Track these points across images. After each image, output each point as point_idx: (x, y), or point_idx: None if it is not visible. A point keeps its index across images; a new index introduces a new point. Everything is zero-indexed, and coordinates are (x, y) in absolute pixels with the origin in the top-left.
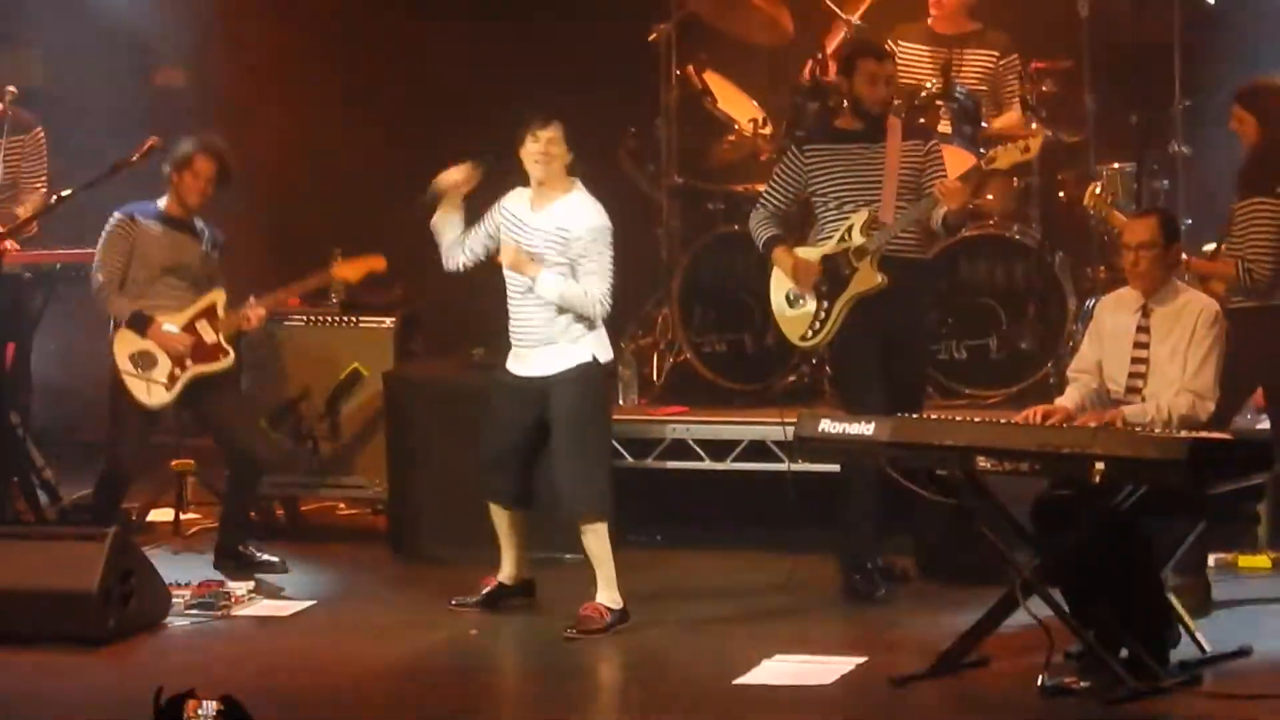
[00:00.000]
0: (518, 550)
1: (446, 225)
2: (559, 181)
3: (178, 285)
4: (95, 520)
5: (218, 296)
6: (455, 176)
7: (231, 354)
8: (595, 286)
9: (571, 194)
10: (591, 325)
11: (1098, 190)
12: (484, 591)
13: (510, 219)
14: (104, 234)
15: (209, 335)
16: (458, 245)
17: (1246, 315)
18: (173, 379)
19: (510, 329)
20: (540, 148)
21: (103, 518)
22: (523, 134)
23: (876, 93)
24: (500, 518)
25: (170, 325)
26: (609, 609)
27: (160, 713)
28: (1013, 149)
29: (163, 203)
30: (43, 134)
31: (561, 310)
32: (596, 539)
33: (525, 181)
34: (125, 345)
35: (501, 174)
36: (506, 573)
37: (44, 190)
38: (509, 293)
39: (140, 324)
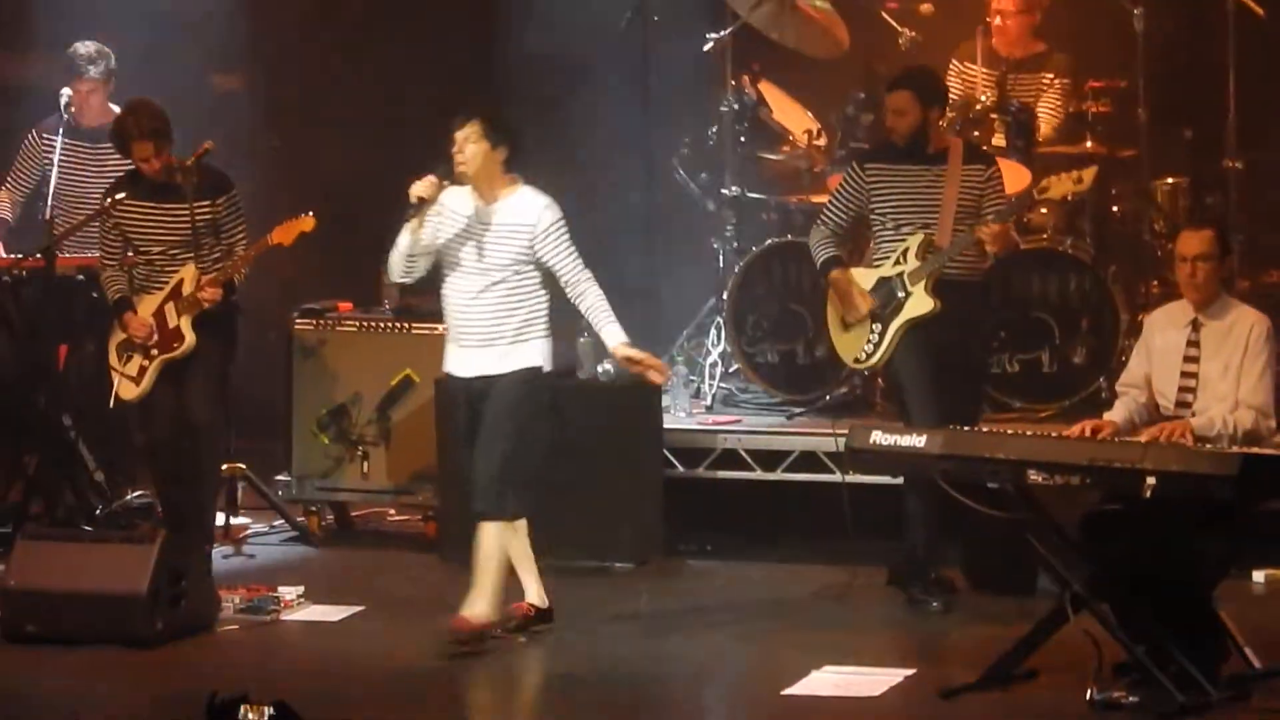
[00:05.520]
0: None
1: (420, 235)
2: (494, 178)
3: (176, 258)
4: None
5: (185, 274)
6: (429, 188)
7: (189, 338)
8: (590, 280)
9: (520, 189)
10: (542, 328)
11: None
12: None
13: (455, 216)
14: None
15: (171, 319)
16: (424, 255)
17: None
18: (141, 372)
19: (455, 329)
20: (455, 147)
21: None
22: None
23: (895, 125)
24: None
25: (145, 310)
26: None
27: (213, 715)
28: (1066, 180)
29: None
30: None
31: (513, 310)
32: (492, 539)
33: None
34: (115, 335)
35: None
36: (535, 593)
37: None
38: (455, 292)
39: (119, 311)
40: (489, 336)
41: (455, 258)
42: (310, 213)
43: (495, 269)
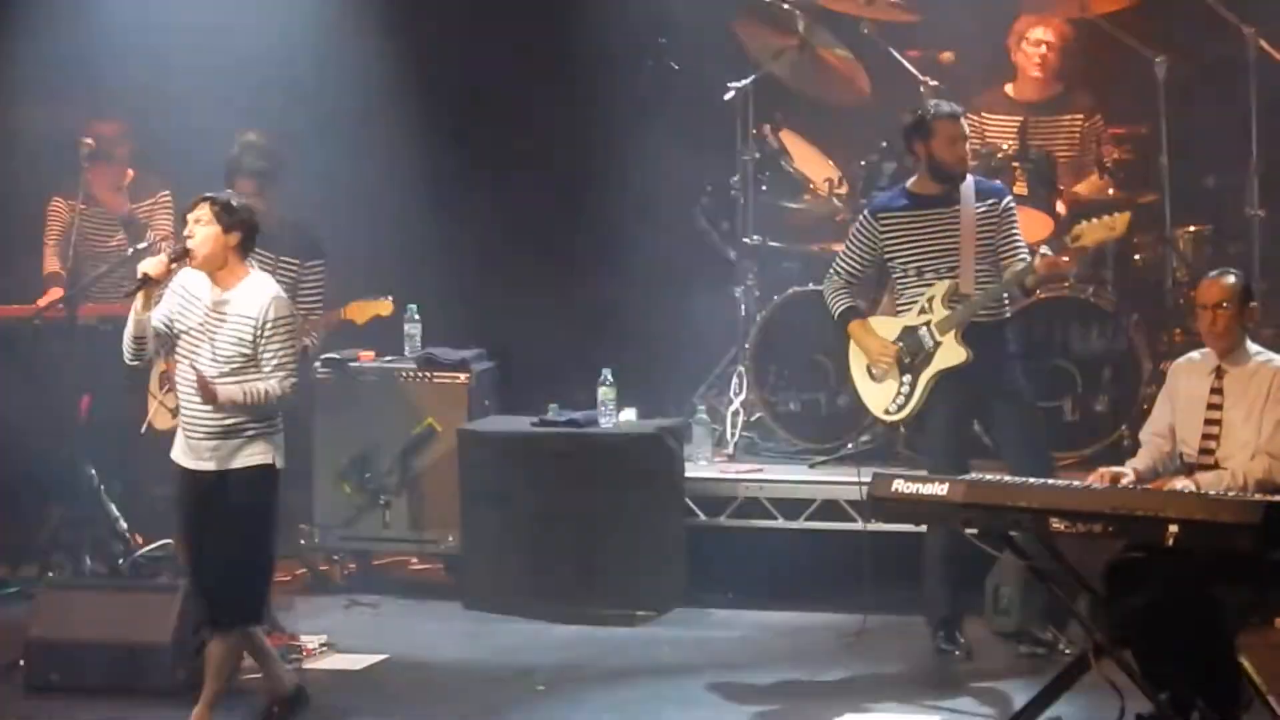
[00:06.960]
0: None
1: (146, 315)
2: (223, 263)
3: None
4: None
5: None
6: (157, 266)
7: None
8: (274, 383)
9: (251, 276)
10: (274, 423)
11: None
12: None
13: (190, 300)
14: None
15: None
16: (156, 337)
17: None
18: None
19: (184, 418)
20: (186, 229)
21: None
22: None
23: (956, 152)
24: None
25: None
26: None
27: None
28: (1099, 226)
29: None
30: (169, 196)
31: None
32: (227, 651)
33: None
34: (159, 365)
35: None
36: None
37: None
38: (184, 380)
39: (169, 349)
40: (217, 430)
41: (186, 344)
42: (389, 297)
43: (223, 359)
